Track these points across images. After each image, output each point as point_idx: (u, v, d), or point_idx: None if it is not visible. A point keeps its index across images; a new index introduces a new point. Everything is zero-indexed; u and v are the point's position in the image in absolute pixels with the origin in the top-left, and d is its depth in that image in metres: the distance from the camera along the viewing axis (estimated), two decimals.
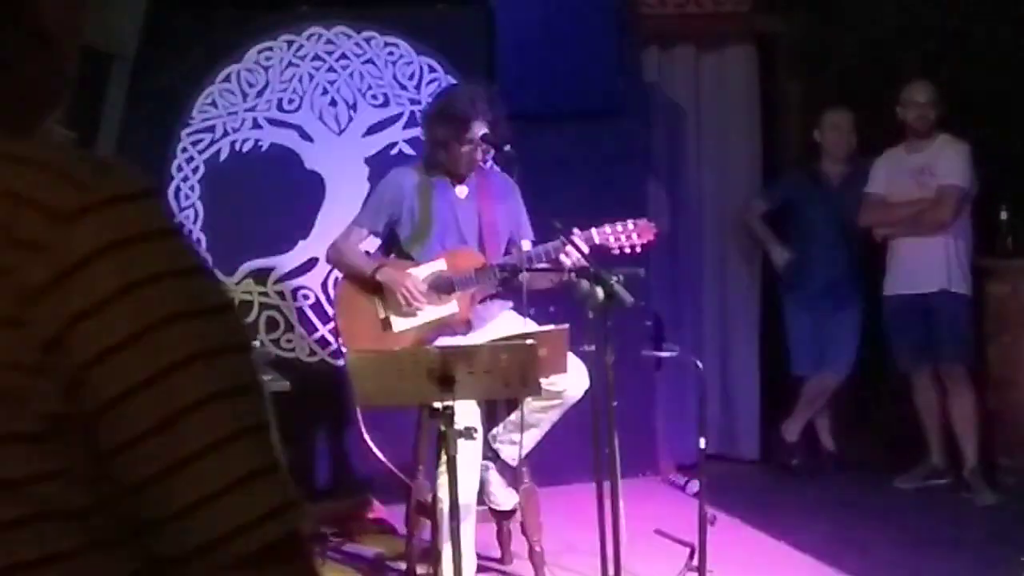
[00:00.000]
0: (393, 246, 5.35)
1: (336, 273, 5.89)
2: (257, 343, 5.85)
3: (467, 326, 5.22)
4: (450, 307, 5.19)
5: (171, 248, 1.11)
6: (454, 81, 6.51)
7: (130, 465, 1.07)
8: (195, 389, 1.08)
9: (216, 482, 1.08)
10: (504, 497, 5.22)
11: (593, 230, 5.03)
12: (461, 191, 5.30)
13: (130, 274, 1.06)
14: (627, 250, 5.08)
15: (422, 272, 5.20)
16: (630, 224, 5.11)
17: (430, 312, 5.19)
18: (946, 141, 6.68)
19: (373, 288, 5.24)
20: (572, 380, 4.88)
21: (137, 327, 1.06)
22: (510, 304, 5.30)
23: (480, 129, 5.12)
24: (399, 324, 5.20)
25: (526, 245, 5.26)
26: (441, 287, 5.18)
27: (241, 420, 1.11)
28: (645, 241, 5.12)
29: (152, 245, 1.09)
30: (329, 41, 6.60)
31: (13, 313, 1.03)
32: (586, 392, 4.89)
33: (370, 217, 5.33)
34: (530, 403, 4.92)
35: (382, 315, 5.22)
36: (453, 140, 5.17)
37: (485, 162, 5.46)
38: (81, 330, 1.04)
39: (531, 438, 5.07)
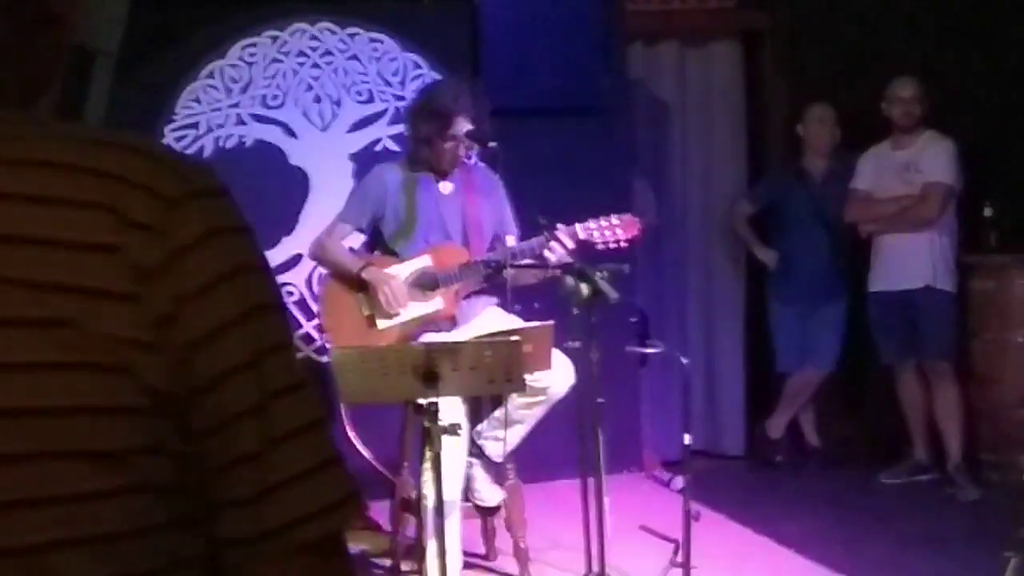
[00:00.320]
0: (378, 242, 5.34)
1: (320, 269, 5.87)
2: None
3: (452, 322, 5.21)
4: (435, 303, 5.18)
5: (255, 244, 1.17)
6: (439, 77, 6.50)
7: (221, 444, 1.12)
8: (285, 376, 1.16)
9: (296, 468, 1.14)
10: (489, 493, 5.21)
11: (577, 225, 5.02)
12: (445, 187, 5.29)
13: (233, 260, 1.13)
14: (612, 245, 5.06)
15: (407, 269, 5.18)
16: (614, 219, 5.10)
17: (415, 309, 5.18)
18: (932, 138, 6.69)
19: (358, 285, 5.23)
20: (557, 377, 4.87)
21: (240, 310, 1.12)
22: (495, 300, 5.29)
23: (463, 125, 5.11)
24: (384, 321, 5.19)
25: (510, 241, 5.25)
26: (426, 283, 5.17)
27: (316, 410, 1.20)
28: (630, 236, 5.10)
29: (244, 237, 1.16)
30: (313, 37, 6.59)
31: (130, 290, 1.07)
32: (571, 388, 4.89)
33: (354, 213, 5.32)
34: (515, 399, 4.91)
35: (367, 312, 5.21)
36: (436, 136, 5.16)
37: (469, 158, 5.44)
38: (192, 309, 1.09)
39: (516, 434, 5.06)
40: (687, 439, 5.07)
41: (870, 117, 6.83)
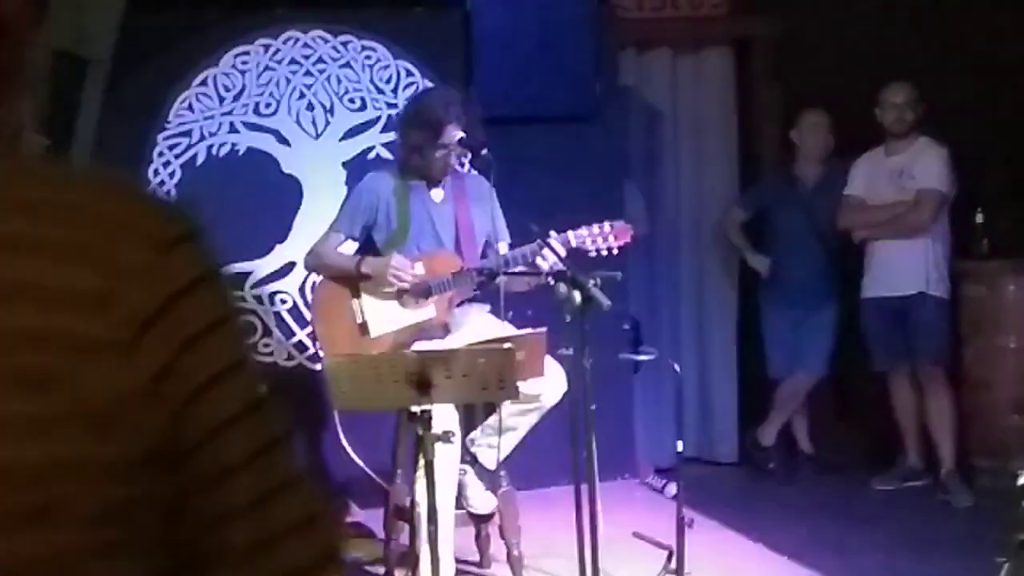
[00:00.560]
0: (370, 250, 5.34)
1: (314, 277, 5.87)
2: None
3: (444, 330, 5.21)
4: (427, 311, 5.18)
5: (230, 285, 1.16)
6: (431, 85, 6.50)
7: (215, 498, 1.09)
8: (276, 427, 1.13)
9: (291, 520, 1.12)
10: (482, 501, 5.22)
11: (570, 232, 5.02)
12: (437, 194, 5.30)
13: (223, 305, 1.11)
14: (604, 252, 5.07)
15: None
16: (607, 226, 5.10)
17: (407, 316, 5.18)
18: (925, 144, 6.70)
19: (351, 293, 5.23)
20: (550, 385, 4.87)
21: (234, 358, 1.09)
22: (488, 307, 5.30)
23: (454, 133, 5.12)
24: (376, 329, 5.19)
25: (503, 248, 5.26)
26: (418, 291, 5.17)
27: (298, 462, 1.16)
28: (622, 243, 5.11)
29: (223, 279, 1.13)
30: (306, 45, 6.59)
31: (122, 338, 1.03)
32: (564, 396, 4.89)
33: (347, 222, 5.32)
34: (508, 407, 4.92)
35: (359, 320, 5.21)
36: (428, 145, 5.16)
37: (462, 165, 5.45)
38: (190, 358, 1.05)
39: (509, 442, 5.06)
40: (680, 446, 5.08)
41: (862, 124, 6.83)
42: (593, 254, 5.06)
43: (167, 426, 1.05)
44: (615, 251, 5.09)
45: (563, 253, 4.87)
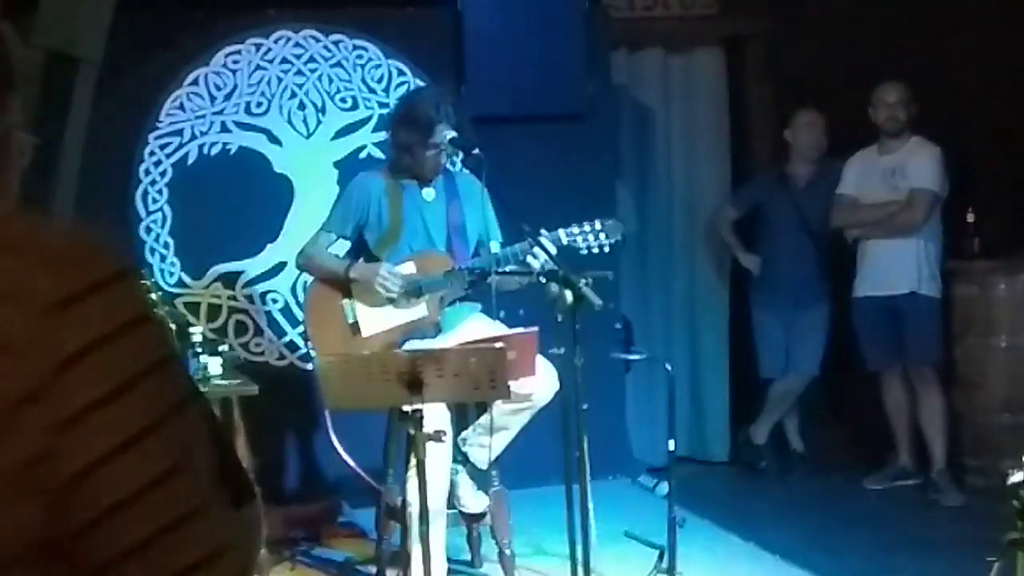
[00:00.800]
0: (362, 250, 5.34)
1: (305, 276, 5.87)
2: (226, 347, 5.82)
3: (436, 329, 5.21)
4: (419, 310, 5.18)
5: (145, 339, 1.03)
6: (423, 84, 6.50)
7: (105, 540, 1.01)
8: (186, 500, 1.04)
9: (184, 560, 1.04)
10: (474, 500, 5.21)
11: (560, 231, 5.00)
12: (428, 193, 5.29)
13: (116, 376, 1.00)
14: (595, 250, 5.05)
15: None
16: (598, 224, 5.08)
17: (399, 315, 5.18)
18: (918, 144, 6.70)
19: (342, 293, 5.23)
20: (541, 384, 4.86)
21: (127, 434, 1.00)
22: (479, 307, 5.30)
23: (445, 132, 5.11)
24: (367, 329, 5.18)
25: (494, 247, 5.25)
26: (410, 290, 5.16)
27: (212, 539, 1.07)
28: (613, 241, 5.09)
29: (131, 339, 1.02)
30: (297, 44, 6.59)
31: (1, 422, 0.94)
32: (556, 395, 4.88)
33: (338, 222, 5.32)
34: (500, 406, 4.91)
35: (351, 320, 5.21)
36: (419, 144, 5.15)
37: (453, 164, 5.45)
38: (71, 439, 0.97)
39: (501, 441, 5.06)
40: (671, 445, 5.08)
41: (854, 123, 6.84)
42: (584, 252, 5.04)
43: (49, 516, 0.96)
44: (607, 249, 5.08)
45: (554, 251, 4.86)
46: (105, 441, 0.97)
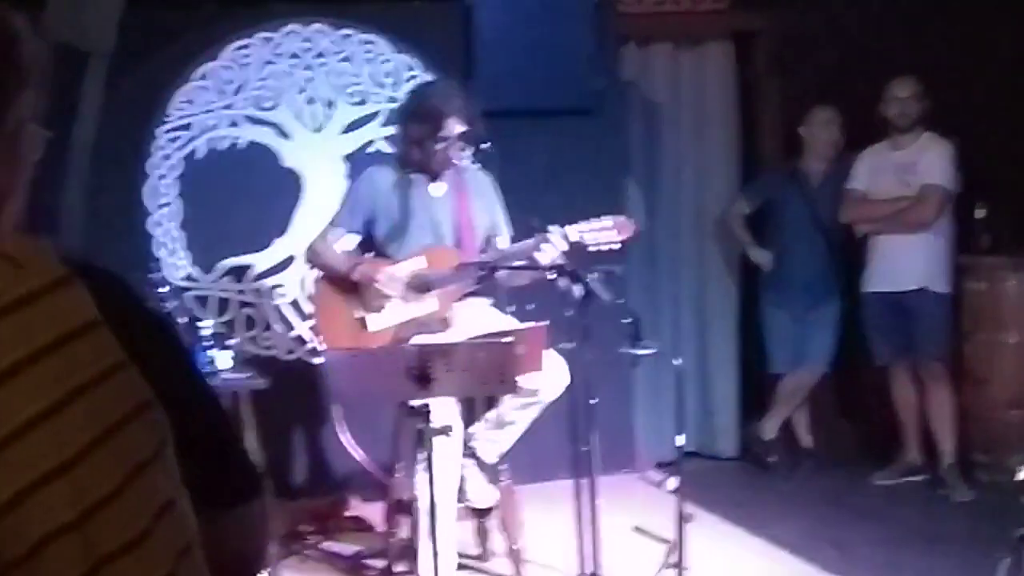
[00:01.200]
0: (372, 245, 5.33)
1: (314, 271, 5.87)
2: (235, 341, 5.83)
3: (445, 324, 5.20)
4: (429, 305, 5.17)
5: (80, 351, 1.01)
6: (431, 78, 6.49)
7: None
8: (133, 524, 1.02)
9: None
10: (483, 495, 5.22)
11: (569, 227, 4.97)
12: (437, 188, 5.28)
13: (54, 391, 0.97)
14: (605, 248, 5.02)
15: (402, 270, 5.18)
16: (608, 221, 5.04)
17: (408, 310, 5.17)
18: (930, 139, 6.67)
19: (350, 288, 5.22)
20: (550, 379, 4.85)
21: (65, 455, 0.97)
22: (490, 301, 5.29)
23: (455, 126, 5.10)
24: (375, 323, 5.18)
25: (503, 242, 5.25)
26: (419, 285, 5.16)
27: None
28: (624, 238, 5.05)
29: (60, 354, 0.99)
30: (306, 39, 6.58)
31: None
32: (565, 390, 4.88)
33: (346, 216, 5.31)
34: (508, 401, 4.92)
35: (359, 314, 5.20)
36: (428, 138, 5.14)
37: (463, 159, 5.44)
38: (6, 462, 0.94)
39: (509, 436, 5.06)
40: (680, 440, 5.08)
41: (864, 118, 6.82)
42: (594, 249, 5.02)
43: None
44: (616, 246, 5.04)
45: (564, 247, 4.85)
46: (45, 461, 0.94)
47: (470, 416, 5.13)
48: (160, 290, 5.12)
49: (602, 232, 5.02)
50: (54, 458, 0.96)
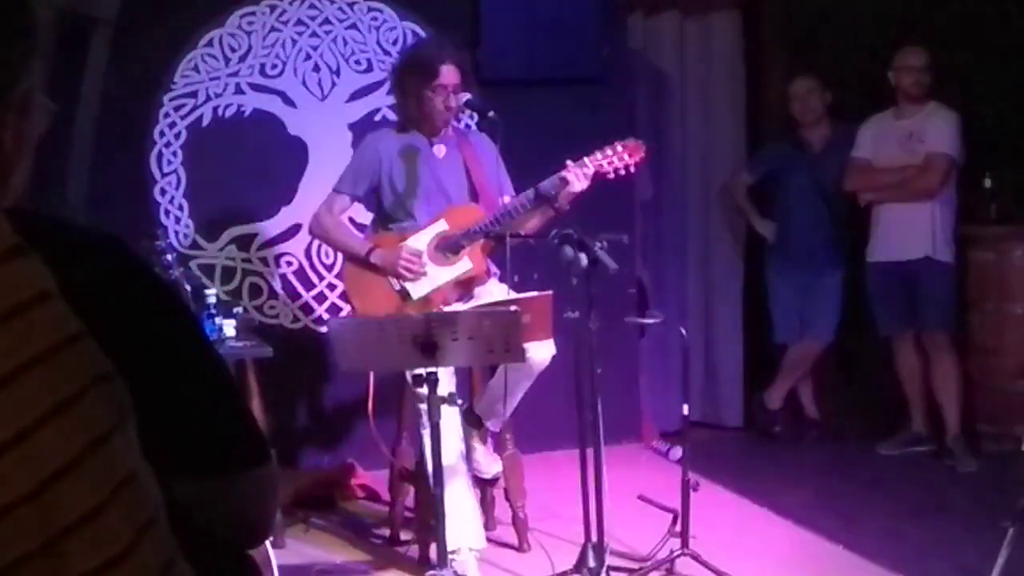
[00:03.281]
0: (379, 213, 5.32)
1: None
2: (240, 309, 5.83)
3: (486, 278, 5.17)
4: (463, 264, 5.12)
5: (32, 325, 1.01)
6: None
7: None
8: (79, 504, 1.02)
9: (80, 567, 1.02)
10: (487, 464, 5.22)
11: (585, 158, 4.97)
12: (439, 150, 5.25)
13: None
14: (621, 172, 5.00)
15: (424, 237, 5.14)
16: (619, 146, 5.02)
17: (445, 273, 5.13)
18: (935, 108, 6.65)
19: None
20: (536, 347, 4.82)
21: (13, 429, 0.98)
22: (496, 273, 5.27)
23: (449, 74, 5.08)
24: (417, 291, 5.12)
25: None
26: (448, 247, 5.12)
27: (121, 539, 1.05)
28: (637, 159, 5.03)
29: (8, 326, 0.99)
30: (312, 6, 6.56)
31: None
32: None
33: (349, 183, 5.28)
34: (499, 371, 4.92)
35: (397, 287, 5.14)
36: (424, 89, 5.10)
37: (468, 127, 5.42)
38: None
39: (507, 406, 5.04)
40: (685, 410, 5.08)
41: (869, 87, 6.80)
42: (611, 175, 5.01)
43: None
44: (632, 169, 5.03)
45: (589, 172, 4.89)
46: None
47: (464, 385, 5.13)
48: (166, 258, 5.10)
49: (617, 157, 5.01)
50: (6, 430, 0.96)
